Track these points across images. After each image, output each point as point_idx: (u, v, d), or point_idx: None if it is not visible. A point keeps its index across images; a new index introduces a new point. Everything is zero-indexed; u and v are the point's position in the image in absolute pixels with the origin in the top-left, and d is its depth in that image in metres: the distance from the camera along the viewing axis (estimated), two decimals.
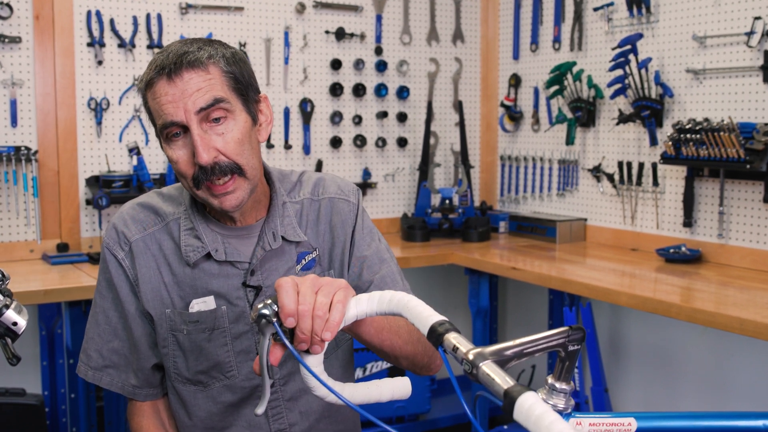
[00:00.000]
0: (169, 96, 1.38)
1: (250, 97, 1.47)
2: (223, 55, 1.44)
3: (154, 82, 1.40)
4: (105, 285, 1.58)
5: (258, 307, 1.12)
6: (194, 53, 1.40)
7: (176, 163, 1.43)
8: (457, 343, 0.98)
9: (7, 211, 3.02)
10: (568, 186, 3.60)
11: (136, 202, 1.59)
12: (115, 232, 1.55)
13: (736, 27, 2.83)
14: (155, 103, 1.41)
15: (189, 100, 1.38)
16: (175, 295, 1.53)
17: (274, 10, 3.50)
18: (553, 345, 1.01)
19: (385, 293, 1.17)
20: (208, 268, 1.52)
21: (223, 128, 1.41)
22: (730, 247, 2.90)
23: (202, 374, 1.56)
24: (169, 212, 1.56)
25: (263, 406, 1.13)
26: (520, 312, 4.02)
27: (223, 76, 1.42)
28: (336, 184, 1.64)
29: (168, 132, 1.41)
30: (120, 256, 1.54)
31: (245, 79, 1.46)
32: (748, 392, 2.94)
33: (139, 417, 1.62)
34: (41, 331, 3.12)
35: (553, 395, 1.07)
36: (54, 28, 3.07)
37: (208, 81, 1.40)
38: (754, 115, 2.79)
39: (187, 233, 1.53)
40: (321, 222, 1.60)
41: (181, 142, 1.41)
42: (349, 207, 1.62)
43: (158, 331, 1.55)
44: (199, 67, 1.40)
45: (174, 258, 1.54)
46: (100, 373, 1.58)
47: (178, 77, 1.38)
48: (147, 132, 3.26)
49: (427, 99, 3.88)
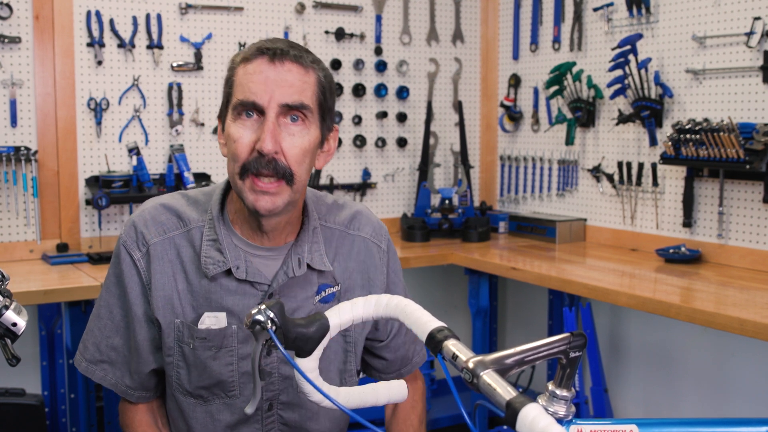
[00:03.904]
0: (263, 75, 1.37)
1: (327, 121, 1.46)
2: (323, 69, 1.44)
3: (253, 58, 1.39)
4: (114, 281, 1.54)
5: (252, 312, 1.12)
6: (301, 52, 1.41)
7: (235, 141, 1.39)
8: (456, 350, 0.98)
9: (6, 212, 3.02)
10: (568, 186, 3.60)
11: (160, 202, 1.54)
12: (134, 231, 1.51)
13: (736, 27, 2.83)
14: (245, 78, 1.38)
15: (279, 90, 1.37)
16: (186, 305, 1.50)
17: (274, 10, 3.49)
18: (555, 352, 1.01)
19: (383, 297, 1.17)
20: (226, 283, 1.49)
21: (295, 130, 1.40)
22: (729, 248, 2.90)
23: (203, 389, 1.54)
24: (193, 218, 1.52)
25: (253, 406, 1.16)
26: (519, 312, 4.02)
27: (317, 86, 1.42)
28: (371, 224, 1.63)
29: (241, 109, 1.39)
30: (136, 256, 1.50)
31: (329, 104, 1.46)
32: (748, 392, 2.94)
33: (132, 413, 1.60)
34: (41, 331, 3.12)
35: (553, 402, 1.06)
36: (54, 28, 3.06)
37: (304, 82, 1.40)
38: (754, 116, 2.79)
39: (210, 244, 1.49)
40: (352, 259, 1.59)
41: (249, 123, 1.39)
42: (380, 254, 1.62)
43: (165, 340, 1.52)
44: (302, 64, 1.40)
45: (191, 267, 1.50)
46: (94, 366, 1.56)
47: (281, 63, 1.38)
48: (147, 132, 3.26)
49: (426, 99, 3.88)
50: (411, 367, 1.74)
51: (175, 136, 3.31)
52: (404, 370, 1.73)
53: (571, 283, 2.73)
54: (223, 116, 1.46)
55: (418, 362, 1.75)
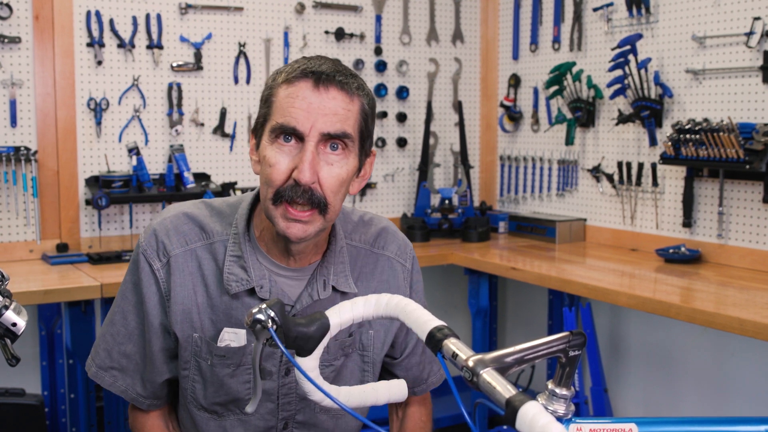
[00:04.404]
0: (305, 102, 1.31)
1: (366, 146, 1.42)
2: (367, 94, 1.38)
3: (296, 81, 1.33)
4: (131, 288, 1.50)
5: (253, 312, 1.11)
6: (347, 77, 1.34)
7: (271, 166, 1.33)
8: (456, 349, 0.98)
9: (6, 212, 3.02)
10: (568, 186, 3.60)
11: (183, 210, 1.49)
12: (155, 240, 1.46)
13: (736, 27, 2.83)
14: (286, 101, 1.33)
15: (323, 118, 1.31)
16: (205, 319, 1.47)
17: (274, 11, 3.50)
18: (554, 351, 1.01)
19: (383, 296, 1.17)
20: (248, 301, 1.45)
21: (334, 159, 1.34)
22: (729, 248, 2.90)
23: (218, 405, 1.51)
24: (216, 231, 1.47)
25: (254, 406, 1.17)
26: (519, 312, 4.02)
27: (360, 114, 1.36)
28: (396, 242, 1.60)
29: (280, 132, 1.33)
30: (156, 266, 1.46)
31: (370, 130, 1.41)
32: (748, 392, 2.94)
33: (143, 419, 1.59)
34: (41, 331, 3.12)
35: (553, 401, 1.06)
36: (54, 28, 3.06)
37: (347, 111, 1.34)
38: (754, 116, 2.79)
39: (233, 261, 1.45)
40: (375, 279, 1.56)
41: (287, 149, 1.33)
42: (404, 274, 1.60)
43: (181, 353, 1.49)
44: (347, 92, 1.34)
45: (212, 281, 1.46)
46: (104, 372, 1.53)
47: (325, 89, 1.32)
48: (146, 132, 3.26)
49: (426, 99, 3.88)
50: (425, 387, 1.71)
51: (175, 136, 3.31)
52: (417, 389, 1.70)
53: (571, 283, 2.73)
54: (258, 134, 1.40)
55: (432, 383, 1.72)
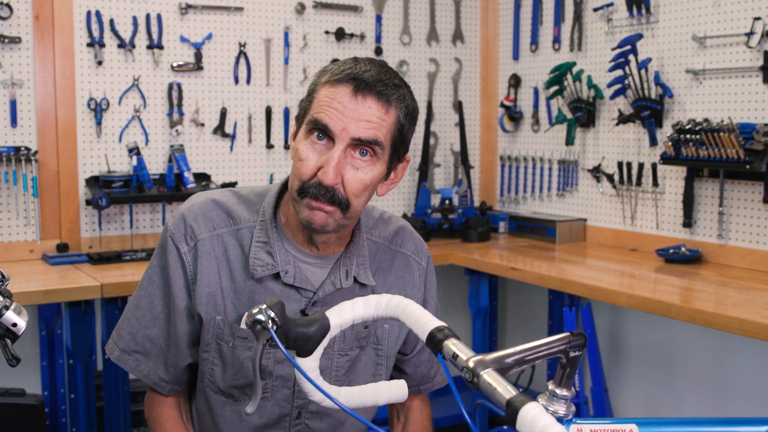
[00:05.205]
0: (341, 105, 1.36)
1: (398, 153, 1.46)
2: (407, 105, 1.42)
3: (338, 84, 1.38)
4: (158, 271, 1.53)
5: (253, 312, 1.12)
6: (387, 87, 1.39)
7: (301, 160, 1.39)
8: (457, 350, 0.98)
9: (7, 212, 3.02)
10: (568, 186, 3.60)
11: (210, 197, 1.54)
12: (183, 224, 1.50)
13: (736, 27, 2.83)
14: (325, 99, 1.38)
15: (355, 123, 1.36)
16: (229, 303, 1.50)
17: (274, 11, 3.49)
18: (555, 351, 1.01)
19: (383, 297, 1.17)
20: (271, 286, 1.49)
21: (361, 164, 1.39)
22: (729, 248, 2.90)
23: (235, 389, 1.53)
24: (243, 218, 1.52)
25: (254, 406, 1.17)
26: (519, 312, 4.02)
27: (394, 125, 1.41)
28: (413, 241, 1.66)
29: (313, 127, 1.39)
30: (183, 249, 1.49)
31: (406, 138, 1.45)
32: (748, 392, 2.94)
33: (160, 407, 1.60)
34: (41, 331, 3.12)
35: (553, 401, 1.06)
36: (54, 28, 3.06)
37: (382, 120, 1.38)
38: (754, 116, 2.79)
39: (260, 246, 1.49)
40: (392, 275, 1.60)
41: (319, 146, 1.39)
42: (420, 271, 1.64)
43: (203, 335, 1.51)
44: (384, 102, 1.38)
45: (237, 266, 1.49)
46: (127, 356, 1.55)
47: (362, 97, 1.37)
48: (147, 132, 3.26)
49: (426, 99, 3.88)
50: (431, 385, 1.73)
51: (175, 136, 3.31)
52: (423, 387, 1.73)
53: (571, 283, 2.73)
54: (299, 123, 1.46)
55: (438, 383, 1.74)
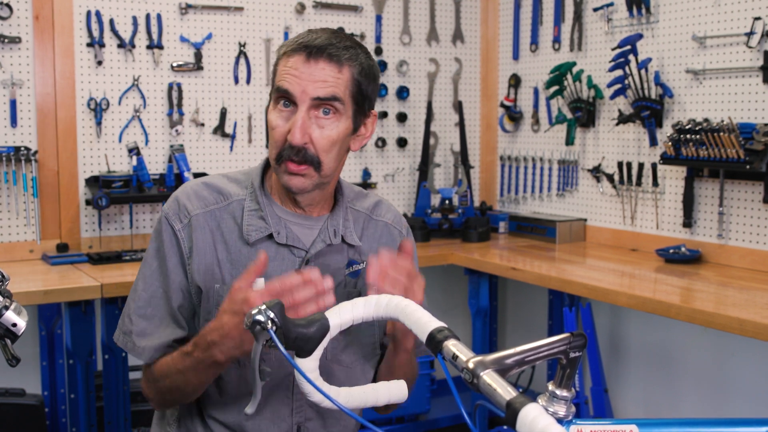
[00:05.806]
0: (297, 71, 1.48)
1: (363, 108, 1.56)
2: (360, 63, 1.53)
3: (294, 53, 1.50)
4: (153, 253, 1.60)
5: (252, 313, 1.12)
6: (338, 49, 1.50)
7: (273, 129, 1.51)
8: (456, 351, 0.98)
9: (7, 212, 3.02)
10: (568, 186, 3.60)
11: (201, 180, 1.64)
12: (176, 204, 1.58)
13: (736, 27, 2.83)
14: (284, 69, 1.50)
15: (311, 85, 1.47)
16: (226, 273, 1.56)
17: (274, 10, 3.49)
18: (555, 352, 1.01)
19: (383, 297, 1.18)
20: (266, 245, 1.57)
21: (326, 122, 1.50)
22: (729, 248, 2.90)
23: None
24: (234, 192, 1.61)
25: (254, 406, 1.19)
26: (519, 312, 4.02)
27: (351, 81, 1.51)
28: (392, 212, 1.77)
29: (278, 96, 1.50)
30: (177, 227, 1.57)
31: (367, 93, 1.56)
32: (748, 392, 2.94)
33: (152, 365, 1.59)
34: (41, 331, 3.12)
35: (553, 402, 1.06)
36: (54, 28, 3.06)
37: (337, 78, 1.49)
38: (754, 116, 2.79)
39: (252, 213, 1.58)
40: (376, 241, 1.70)
41: (285, 114, 1.50)
42: (401, 238, 1.73)
43: (204, 306, 1.56)
44: (336, 63, 1.49)
45: (232, 237, 1.58)
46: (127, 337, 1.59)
47: (314, 61, 1.48)
48: (147, 132, 3.26)
49: (426, 99, 3.88)
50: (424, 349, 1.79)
51: (175, 136, 3.31)
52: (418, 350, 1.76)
53: (571, 283, 2.73)
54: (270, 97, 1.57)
55: None
